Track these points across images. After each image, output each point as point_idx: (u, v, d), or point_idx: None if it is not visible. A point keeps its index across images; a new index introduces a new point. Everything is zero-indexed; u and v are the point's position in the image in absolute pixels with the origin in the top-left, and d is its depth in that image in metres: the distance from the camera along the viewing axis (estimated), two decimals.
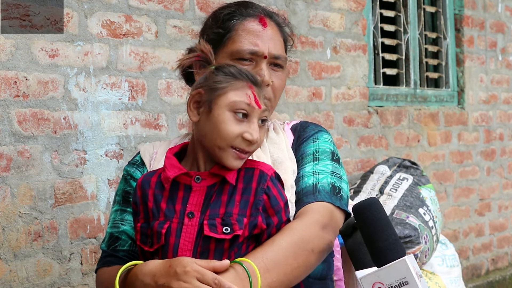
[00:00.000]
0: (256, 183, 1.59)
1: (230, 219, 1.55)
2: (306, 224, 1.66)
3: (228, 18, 1.88)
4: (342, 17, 3.71)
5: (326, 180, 1.77)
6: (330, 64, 3.64)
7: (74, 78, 2.55)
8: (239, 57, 1.82)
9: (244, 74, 1.62)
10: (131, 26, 2.73)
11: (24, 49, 2.41)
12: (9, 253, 2.37)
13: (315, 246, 1.65)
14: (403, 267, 1.42)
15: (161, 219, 1.59)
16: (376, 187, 3.50)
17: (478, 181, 4.66)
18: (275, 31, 1.89)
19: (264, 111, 1.60)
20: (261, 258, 1.57)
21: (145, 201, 1.62)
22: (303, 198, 1.73)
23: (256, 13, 1.88)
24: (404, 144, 4.08)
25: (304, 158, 1.83)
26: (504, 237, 4.93)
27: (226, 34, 1.85)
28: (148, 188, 1.63)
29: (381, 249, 1.45)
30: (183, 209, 1.59)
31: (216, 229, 1.55)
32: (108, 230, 1.85)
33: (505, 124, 4.92)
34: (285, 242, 1.60)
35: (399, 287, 1.42)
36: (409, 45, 4.19)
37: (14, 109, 2.39)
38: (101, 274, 1.80)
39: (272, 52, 1.84)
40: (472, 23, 4.59)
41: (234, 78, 1.61)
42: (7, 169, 2.37)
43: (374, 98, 3.94)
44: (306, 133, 1.89)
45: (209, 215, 1.57)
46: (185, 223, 1.57)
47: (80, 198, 2.58)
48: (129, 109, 2.73)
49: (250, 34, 1.84)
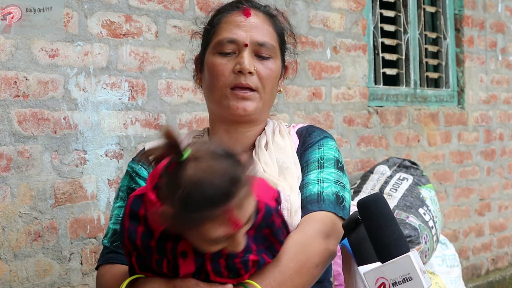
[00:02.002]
0: (261, 219, 1.50)
1: (235, 262, 1.48)
2: (310, 237, 1.65)
3: (214, 14, 1.89)
4: (342, 17, 3.71)
5: (330, 189, 1.76)
6: (330, 64, 3.64)
7: (74, 78, 2.55)
8: (220, 49, 1.80)
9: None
10: (131, 26, 2.73)
11: (24, 49, 2.41)
12: (9, 253, 2.37)
13: (320, 261, 1.65)
14: (407, 263, 1.42)
15: (156, 257, 1.49)
16: (376, 187, 3.49)
17: (478, 181, 4.66)
18: (262, 20, 1.84)
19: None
20: (268, 280, 1.55)
21: (132, 239, 1.47)
22: (307, 205, 1.73)
23: (240, 6, 1.85)
24: (404, 144, 4.08)
25: (309, 164, 1.82)
26: (504, 237, 4.93)
27: (211, 30, 1.86)
28: (137, 225, 1.47)
29: (385, 244, 1.45)
30: (174, 247, 1.46)
31: (221, 275, 1.49)
32: (110, 226, 1.82)
33: (505, 124, 4.92)
34: (292, 262, 1.59)
35: (403, 282, 1.42)
36: (409, 45, 4.19)
37: (14, 109, 2.39)
38: (104, 273, 1.76)
39: (255, 39, 1.80)
40: (472, 23, 4.59)
41: None
42: (7, 169, 2.37)
43: (374, 98, 3.94)
44: (312, 139, 1.87)
45: (211, 255, 1.47)
46: (180, 264, 1.48)
47: (80, 198, 2.58)
48: (129, 109, 2.73)
49: (231, 25, 1.82)
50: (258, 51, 1.81)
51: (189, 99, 2.94)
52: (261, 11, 1.86)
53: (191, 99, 2.94)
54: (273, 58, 1.83)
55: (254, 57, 1.80)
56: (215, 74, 1.80)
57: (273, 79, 1.84)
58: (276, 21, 1.88)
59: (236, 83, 1.78)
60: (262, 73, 1.80)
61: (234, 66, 1.78)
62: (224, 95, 1.79)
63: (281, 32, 1.89)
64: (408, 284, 1.41)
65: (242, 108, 1.78)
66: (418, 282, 1.41)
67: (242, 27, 1.81)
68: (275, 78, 1.84)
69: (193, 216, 1.31)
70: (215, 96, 1.82)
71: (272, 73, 1.83)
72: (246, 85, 1.77)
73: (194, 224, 1.33)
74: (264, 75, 1.81)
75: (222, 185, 1.30)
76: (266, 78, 1.81)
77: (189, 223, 1.33)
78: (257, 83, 1.79)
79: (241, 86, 1.78)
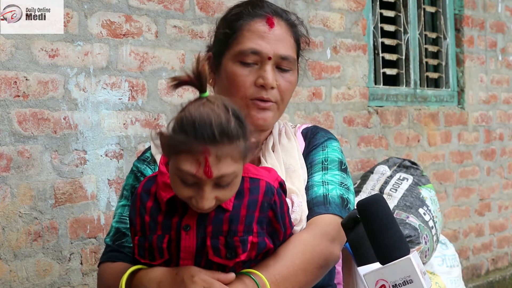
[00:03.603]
0: (262, 196, 1.53)
1: (233, 240, 1.50)
2: (317, 239, 1.66)
3: (235, 18, 1.82)
4: (342, 17, 3.71)
5: (335, 192, 1.77)
6: (330, 64, 3.64)
7: (74, 78, 2.55)
8: (242, 59, 1.76)
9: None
10: (131, 26, 2.73)
11: (24, 49, 2.41)
12: (9, 253, 2.37)
13: (325, 263, 1.66)
14: (408, 265, 1.42)
15: (159, 233, 1.53)
16: (376, 187, 3.49)
17: (478, 181, 4.66)
18: (285, 30, 1.81)
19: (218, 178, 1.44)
20: (273, 273, 1.56)
21: (142, 215, 1.55)
22: (314, 208, 1.73)
23: (264, 13, 1.80)
24: (404, 144, 4.08)
25: (313, 166, 1.82)
26: (504, 237, 4.93)
27: (232, 35, 1.80)
28: (147, 200, 1.56)
29: (386, 246, 1.44)
30: (179, 221, 1.52)
31: (219, 253, 1.50)
32: (114, 224, 1.82)
33: (505, 124, 4.92)
34: (298, 259, 1.60)
35: (403, 285, 1.42)
36: (409, 45, 4.19)
37: (14, 109, 2.39)
38: (105, 269, 1.77)
39: (279, 53, 1.77)
40: (472, 23, 4.59)
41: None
42: (7, 169, 2.37)
43: (374, 98, 3.94)
44: (316, 140, 1.87)
45: (212, 231, 1.50)
46: (182, 237, 1.51)
47: (80, 198, 2.58)
48: (129, 109, 2.73)
49: (254, 35, 1.77)
50: (280, 64, 1.79)
51: (189, 99, 2.93)
52: (283, 20, 1.83)
53: (191, 99, 2.93)
54: (292, 70, 1.82)
55: (275, 69, 1.79)
56: (236, 85, 1.77)
57: (291, 91, 1.84)
58: (296, 31, 1.86)
59: (258, 97, 1.76)
60: (283, 86, 1.80)
61: (257, 79, 1.76)
62: (244, 105, 1.76)
63: (299, 41, 1.87)
64: (409, 287, 1.41)
65: (262, 118, 1.78)
66: (418, 285, 1.40)
67: (266, 38, 1.77)
68: (293, 89, 1.85)
69: (180, 139, 1.39)
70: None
71: (291, 86, 1.83)
72: (267, 99, 1.77)
73: (176, 149, 1.41)
74: (284, 88, 1.80)
75: (215, 129, 1.38)
76: (286, 91, 1.81)
77: (174, 146, 1.41)
78: (277, 96, 1.79)
79: (262, 100, 1.77)
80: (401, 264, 1.42)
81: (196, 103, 1.46)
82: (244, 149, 1.43)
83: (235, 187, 1.48)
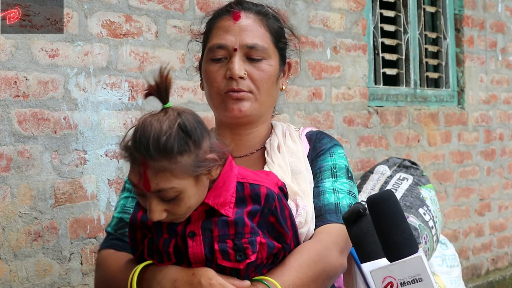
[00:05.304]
0: (263, 203, 1.53)
1: (242, 241, 1.51)
2: (329, 249, 1.68)
3: (208, 20, 1.90)
4: (342, 17, 3.71)
5: (345, 201, 1.79)
6: (330, 64, 3.64)
7: (74, 78, 2.55)
8: (211, 56, 1.82)
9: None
10: (131, 26, 2.73)
11: (24, 49, 2.41)
12: (9, 253, 2.37)
13: (333, 274, 1.70)
14: (418, 263, 1.38)
15: (165, 236, 1.54)
16: (376, 187, 3.49)
17: (478, 181, 4.66)
18: (253, 21, 1.82)
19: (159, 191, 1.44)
20: (288, 284, 1.58)
21: (145, 220, 1.54)
22: (326, 215, 1.76)
23: (230, 9, 1.84)
24: (404, 144, 4.08)
25: (322, 172, 1.84)
26: (504, 237, 4.93)
27: (205, 36, 1.89)
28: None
29: (396, 243, 1.40)
30: (184, 229, 1.53)
31: (229, 256, 1.51)
32: (116, 215, 1.83)
33: (505, 124, 4.92)
34: (311, 270, 1.63)
35: (412, 283, 1.38)
36: (409, 45, 4.19)
37: (14, 109, 2.39)
38: (106, 256, 1.77)
39: (245, 42, 1.79)
40: (472, 23, 4.59)
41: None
42: (7, 169, 2.36)
43: (374, 98, 3.94)
44: (322, 145, 1.88)
45: (218, 235, 1.51)
46: (189, 245, 1.52)
47: (80, 198, 2.58)
48: (129, 109, 2.73)
49: (221, 31, 1.82)
50: (249, 54, 1.80)
51: (189, 99, 2.93)
52: (252, 12, 1.84)
53: (191, 99, 2.94)
54: (266, 59, 1.82)
55: (246, 60, 1.80)
56: (210, 81, 1.83)
57: (267, 80, 1.82)
58: (269, 20, 1.85)
59: (229, 88, 1.80)
60: (255, 75, 1.80)
61: (226, 72, 1.80)
62: (220, 100, 1.82)
63: (276, 30, 1.86)
64: (418, 285, 1.37)
65: (238, 109, 1.80)
66: (428, 283, 1.37)
67: (231, 31, 1.81)
68: (269, 78, 1.83)
69: (125, 149, 1.43)
70: (213, 101, 1.86)
71: (265, 74, 1.82)
72: (238, 90, 1.79)
73: (126, 158, 1.44)
74: (257, 77, 1.80)
75: (150, 144, 1.38)
76: (259, 80, 1.81)
77: (123, 155, 1.44)
78: (250, 86, 1.80)
79: (234, 91, 1.80)
80: (411, 262, 1.39)
81: (153, 114, 1.45)
82: (191, 165, 1.41)
83: (186, 202, 1.45)
